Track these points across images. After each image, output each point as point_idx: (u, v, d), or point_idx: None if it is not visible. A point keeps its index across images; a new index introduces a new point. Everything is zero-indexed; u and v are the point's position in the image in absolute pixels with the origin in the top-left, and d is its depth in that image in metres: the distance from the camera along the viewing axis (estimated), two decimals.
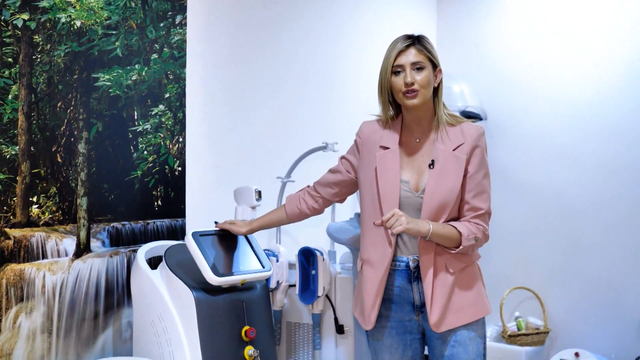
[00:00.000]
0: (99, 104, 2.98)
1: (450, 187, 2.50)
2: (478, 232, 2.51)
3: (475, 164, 2.53)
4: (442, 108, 2.59)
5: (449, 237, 2.48)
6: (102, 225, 2.99)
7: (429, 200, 2.50)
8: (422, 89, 2.52)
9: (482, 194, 2.54)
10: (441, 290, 2.51)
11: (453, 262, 2.53)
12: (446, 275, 2.51)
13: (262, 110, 3.77)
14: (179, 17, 3.29)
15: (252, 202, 3.15)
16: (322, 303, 3.24)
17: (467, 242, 2.48)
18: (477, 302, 2.56)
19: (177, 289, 2.68)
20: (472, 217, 2.52)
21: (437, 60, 2.57)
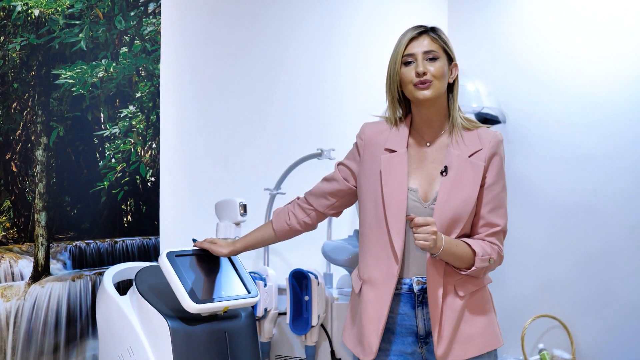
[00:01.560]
0: (60, 105, 2.98)
1: (464, 197, 2.50)
2: (493, 252, 2.51)
3: (493, 174, 2.54)
4: (458, 109, 2.60)
5: (461, 255, 2.48)
6: (64, 245, 2.98)
7: (440, 212, 2.49)
8: (436, 80, 2.52)
9: (499, 209, 2.54)
10: (449, 317, 2.51)
11: (463, 285, 2.53)
12: (455, 300, 2.51)
13: (248, 113, 3.77)
14: (152, 5, 3.30)
15: (237, 217, 3.14)
16: (317, 333, 3.23)
17: (481, 263, 2.49)
18: (488, 331, 2.56)
19: (150, 317, 2.67)
20: (487, 235, 2.53)
21: (452, 53, 2.58)
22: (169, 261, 2.66)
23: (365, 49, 4.46)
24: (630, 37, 4.26)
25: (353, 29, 4.41)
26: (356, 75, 4.39)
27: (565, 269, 4.45)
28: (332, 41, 4.27)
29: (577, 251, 4.40)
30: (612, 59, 4.31)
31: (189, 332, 2.65)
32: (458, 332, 2.51)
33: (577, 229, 4.40)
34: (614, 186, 4.28)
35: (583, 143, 4.40)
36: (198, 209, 3.48)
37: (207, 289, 2.69)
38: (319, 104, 4.16)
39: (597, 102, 4.35)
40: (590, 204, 4.36)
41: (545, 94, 4.54)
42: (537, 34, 4.60)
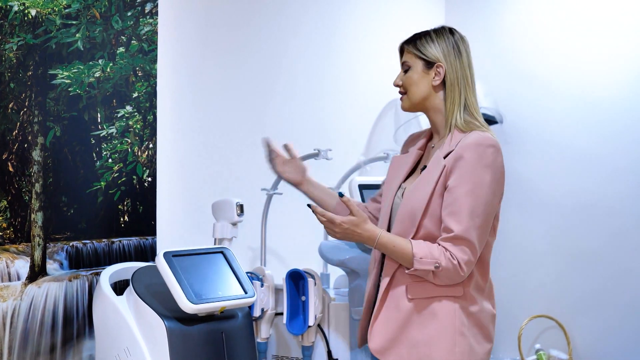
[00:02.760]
0: (56, 105, 2.98)
1: (421, 195, 2.51)
2: (441, 258, 2.44)
3: (456, 177, 2.47)
4: (456, 109, 2.59)
5: (400, 254, 2.48)
6: (60, 245, 2.98)
7: (401, 208, 2.56)
8: (407, 90, 2.65)
9: (456, 214, 2.44)
10: (394, 318, 2.52)
11: (416, 287, 2.51)
12: (403, 301, 2.52)
13: (245, 113, 3.77)
14: (149, 5, 3.30)
15: (233, 217, 3.14)
16: (314, 334, 3.23)
17: (421, 265, 2.44)
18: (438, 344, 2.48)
19: (147, 317, 2.67)
20: (442, 239, 2.47)
21: (432, 57, 2.62)
22: (166, 261, 2.67)
23: (363, 49, 4.46)
24: (627, 37, 4.27)
25: (350, 29, 4.41)
26: (353, 76, 4.40)
27: (562, 269, 4.46)
28: (329, 41, 4.27)
29: (573, 251, 4.41)
30: (609, 59, 4.32)
31: (185, 332, 2.65)
32: (404, 335, 2.51)
33: (574, 229, 4.40)
34: (611, 186, 4.29)
35: (579, 143, 4.40)
36: (195, 209, 3.48)
37: (204, 289, 2.69)
38: (316, 104, 4.16)
39: (594, 103, 4.35)
40: (587, 205, 4.36)
41: (543, 95, 4.55)
42: (534, 34, 4.60)
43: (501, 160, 2.53)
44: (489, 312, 2.58)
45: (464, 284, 2.51)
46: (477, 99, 2.66)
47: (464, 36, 2.68)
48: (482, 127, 2.57)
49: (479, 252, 2.48)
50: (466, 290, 2.52)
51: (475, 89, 2.64)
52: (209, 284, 2.74)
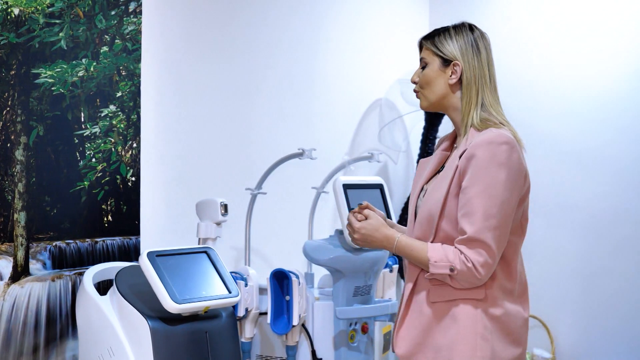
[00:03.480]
0: (40, 104, 2.97)
1: (437, 197, 2.46)
2: (456, 261, 2.38)
3: (469, 177, 2.41)
4: (473, 108, 2.53)
5: (416, 257, 2.45)
6: (43, 245, 2.97)
7: (420, 211, 2.52)
8: (422, 89, 2.58)
9: (470, 215, 2.38)
10: (418, 322, 2.48)
11: (437, 291, 2.46)
12: (425, 304, 2.48)
13: (229, 113, 3.77)
14: (132, 4, 3.29)
15: (217, 217, 3.14)
16: (298, 333, 3.23)
17: (436, 269, 2.40)
18: (458, 348, 2.42)
19: (130, 317, 2.67)
20: (457, 241, 2.41)
21: (449, 54, 2.54)
22: (149, 261, 2.66)
23: (347, 48, 4.46)
24: (615, 39, 4.29)
25: (335, 28, 4.41)
26: (338, 75, 4.40)
27: (545, 269, 4.48)
28: (313, 41, 4.27)
29: (556, 251, 4.43)
30: (596, 58, 4.34)
31: (169, 332, 2.65)
32: (428, 340, 2.46)
33: (558, 227, 4.42)
34: (596, 187, 4.31)
35: (561, 143, 4.42)
36: (179, 209, 3.47)
37: (188, 289, 2.69)
38: (301, 104, 4.16)
39: (572, 103, 4.38)
40: (570, 205, 4.39)
41: (523, 94, 4.56)
42: (517, 33, 4.62)
43: (517, 156, 2.44)
44: (518, 315, 2.49)
45: (486, 287, 2.43)
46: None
47: (484, 33, 2.61)
48: (500, 124, 2.49)
49: (497, 253, 2.39)
50: (489, 293, 2.43)
51: (496, 87, 2.57)
52: (193, 283, 2.73)
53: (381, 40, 4.75)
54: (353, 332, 3.28)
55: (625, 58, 4.25)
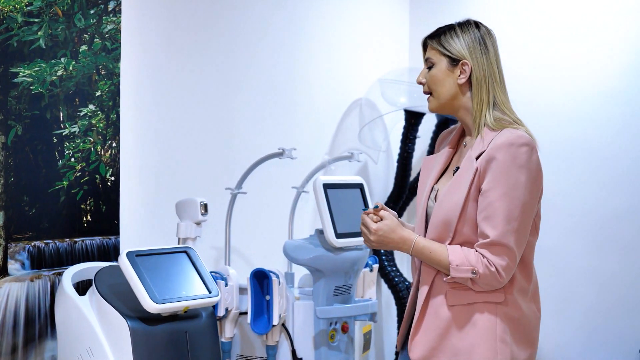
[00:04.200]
0: (18, 104, 2.96)
1: (456, 200, 2.42)
2: (479, 265, 2.36)
3: (489, 180, 2.38)
4: (484, 108, 2.49)
5: (437, 262, 2.42)
6: (22, 244, 2.95)
7: (435, 212, 2.47)
8: (433, 90, 2.53)
9: (491, 219, 2.36)
10: (435, 326, 2.45)
11: (455, 294, 2.44)
12: (442, 307, 2.44)
13: (209, 112, 3.77)
14: (112, 3, 3.28)
15: (197, 217, 3.14)
16: (278, 333, 3.23)
17: (458, 273, 2.37)
18: (480, 350, 2.40)
19: (110, 317, 2.66)
20: (478, 245, 2.39)
21: (457, 53, 2.50)
22: (129, 261, 2.66)
23: (327, 48, 4.47)
24: (589, 41, 4.31)
25: (315, 28, 4.42)
26: (318, 75, 4.41)
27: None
28: (294, 40, 4.28)
29: (537, 252, 4.44)
30: (571, 63, 4.36)
31: (149, 332, 2.64)
32: (445, 343, 2.44)
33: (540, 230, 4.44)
34: (573, 187, 4.34)
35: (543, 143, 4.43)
36: (158, 209, 3.47)
37: (168, 289, 2.69)
38: (281, 104, 4.16)
39: (556, 104, 4.40)
40: (550, 204, 4.40)
41: (518, 94, 4.58)
42: (499, 35, 4.63)
43: (536, 157, 2.43)
44: (533, 315, 2.50)
45: (505, 289, 2.42)
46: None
47: (490, 29, 2.57)
48: (514, 123, 2.47)
49: (518, 255, 2.40)
50: (508, 295, 2.43)
51: (505, 84, 2.54)
52: (173, 283, 2.73)
53: (361, 40, 4.76)
54: (333, 331, 3.28)
55: (628, 59, 4.27)
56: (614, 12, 4.28)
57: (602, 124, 4.28)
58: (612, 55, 4.28)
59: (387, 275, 4.57)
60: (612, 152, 4.26)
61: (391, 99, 4.48)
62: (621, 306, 4.19)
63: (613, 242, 4.22)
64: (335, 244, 3.15)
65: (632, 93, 4.31)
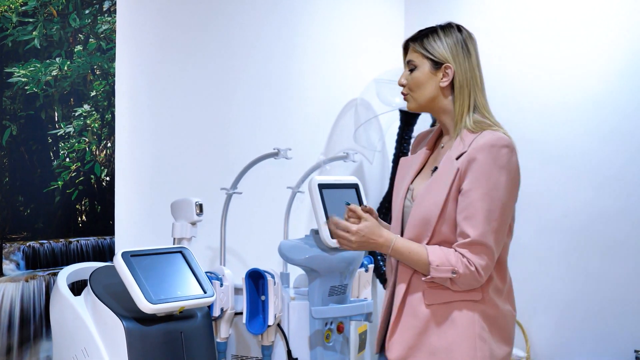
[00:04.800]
0: (13, 104, 2.95)
1: (435, 199, 2.44)
2: (459, 264, 2.38)
3: (470, 180, 2.41)
4: (465, 111, 2.51)
5: (415, 260, 2.43)
6: (17, 245, 2.95)
7: (414, 212, 2.48)
8: (412, 91, 2.55)
9: (472, 218, 2.39)
10: (412, 325, 2.46)
11: (433, 293, 2.45)
12: (420, 307, 2.46)
13: (204, 112, 3.77)
14: (107, 3, 3.28)
15: (192, 217, 3.14)
16: (274, 333, 3.23)
17: (438, 273, 2.39)
18: (459, 349, 2.43)
19: (105, 318, 2.66)
20: (458, 245, 2.41)
21: (440, 57, 2.52)
22: (124, 261, 2.65)
23: (322, 48, 4.47)
24: (583, 42, 4.32)
25: (310, 28, 4.42)
26: (313, 75, 4.41)
27: (519, 268, 4.49)
28: (289, 41, 4.28)
29: (530, 250, 4.46)
30: (566, 63, 4.37)
31: (144, 333, 2.64)
32: (423, 341, 2.45)
33: (531, 227, 4.45)
34: (567, 187, 4.34)
35: (536, 144, 4.45)
36: (154, 209, 3.46)
37: (163, 289, 2.69)
38: (276, 104, 4.16)
39: (550, 105, 4.41)
40: (543, 204, 4.42)
41: (500, 95, 4.57)
42: (491, 37, 4.64)
43: (516, 160, 2.47)
44: (509, 313, 2.53)
45: (482, 288, 2.44)
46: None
47: (471, 33, 2.59)
48: (494, 126, 2.50)
49: (496, 255, 2.43)
50: (485, 294, 2.45)
51: (485, 88, 2.56)
52: (168, 284, 2.73)
53: (357, 40, 4.76)
54: (329, 331, 3.28)
55: (613, 62, 4.28)
56: (604, 16, 4.28)
57: (592, 127, 4.28)
58: (600, 59, 4.28)
59: (382, 276, 4.57)
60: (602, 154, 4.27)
61: (386, 99, 4.48)
62: (617, 307, 4.19)
63: (610, 243, 4.22)
64: (330, 244, 3.15)
65: (621, 97, 4.32)
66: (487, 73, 4.57)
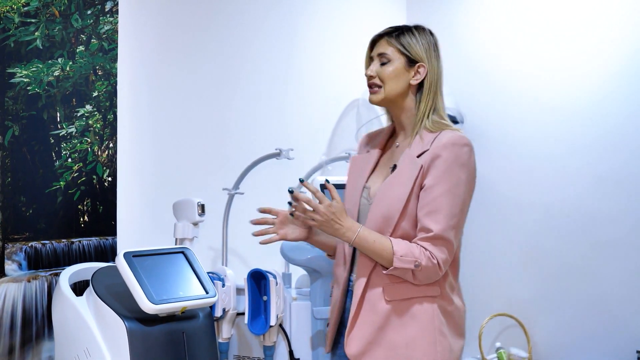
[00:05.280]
0: (15, 104, 2.96)
1: (397, 195, 2.47)
2: (422, 257, 2.41)
3: (433, 176, 2.45)
4: (428, 112, 2.56)
5: (380, 251, 2.44)
6: (19, 245, 2.95)
7: (374, 208, 2.51)
8: (384, 84, 2.55)
9: (435, 213, 2.43)
10: (371, 320, 2.47)
11: (394, 288, 2.48)
12: (380, 303, 2.47)
13: (206, 113, 3.77)
14: (109, 3, 3.28)
15: (194, 217, 3.14)
16: (276, 334, 3.23)
17: (402, 263, 2.41)
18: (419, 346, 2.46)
19: (107, 318, 2.66)
20: (420, 239, 2.44)
21: (416, 55, 2.56)
22: (126, 261, 2.65)
23: (324, 49, 4.47)
24: (584, 41, 4.32)
25: (312, 28, 4.42)
26: (315, 75, 4.41)
27: (522, 268, 4.50)
28: (291, 41, 4.28)
29: (532, 251, 4.45)
30: (567, 62, 4.37)
31: (146, 333, 2.64)
32: (382, 337, 2.47)
33: (533, 228, 4.45)
34: (568, 186, 4.34)
35: (538, 144, 4.45)
36: (156, 209, 3.46)
37: (165, 289, 2.69)
38: (278, 104, 4.16)
39: (551, 105, 4.40)
40: (545, 204, 4.41)
41: (502, 95, 4.59)
42: (494, 36, 4.64)
43: (474, 159, 2.53)
44: (462, 308, 2.58)
45: (439, 283, 2.49)
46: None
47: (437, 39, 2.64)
48: (451, 126, 2.55)
49: (454, 250, 2.49)
50: (442, 289, 2.50)
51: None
52: (170, 284, 2.73)
53: (359, 40, 4.75)
54: None
55: (599, 62, 4.28)
56: (607, 15, 4.28)
57: (598, 120, 4.28)
58: (601, 58, 4.28)
59: None
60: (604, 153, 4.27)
61: None
62: (619, 307, 4.19)
63: (612, 242, 4.22)
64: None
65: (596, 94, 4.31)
66: (487, 71, 4.61)
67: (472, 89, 4.67)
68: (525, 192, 4.48)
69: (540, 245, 4.43)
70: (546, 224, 4.41)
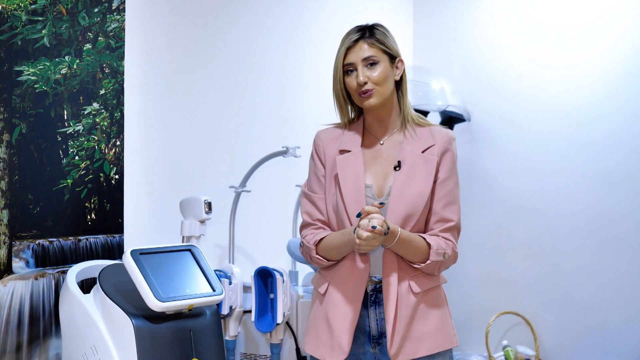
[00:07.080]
0: (22, 102, 2.95)
1: (418, 191, 2.50)
2: (447, 248, 2.51)
3: (446, 170, 2.55)
4: (409, 105, 2.63)
5: (417, 248, 2.47)
6: (26, 243, 2.95)
7: (394, 206, 2.49)
8: (378, 86, 2.54)
9: (452, 205, 2.54)
10: (403, 314, 2.49)
11: (419, 281, 2.52)
12: (409, 296, 2.50)
13: (213, 110, 3.77)
14: (116, 1, 3.28)
15: (201, 215, 3.13)
16: (282, 331, 3.23)
17: (436, 257, 2.48)
18: (441, 331, 2.54)
19: (114, 316, 2.66)
20: (441, 230, 2.52)
21: (394, 51, 2.58)
22: (133, 259, 2.65)
23: (329, 47, 4.45)
24: (590, 39, 4.31)
25: (317, 26, 4.41)
26: (321, 73, 4.40)
27: (528, 266, 4.49)
28: (296, 39, 4.27)
29: (539, 249, 4.45)
30: (579, 60, 4.36)
31: (153, 331, 2.64)
32: (410, 330, 2.49)
33: (540, 227, 4.44)
34: (576, 185, 4.33)
35: (544, 142, 4.44)
36: (162, 207, 3.46)
37: (172, 287, 2.68)
38: (285, 102, 4.16)
39: (562, 103, 4.39)
40: (552, 202, 4.40)
41: (509, 93, 4.58)
42: (501, 34, 4.63)
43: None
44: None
45: (442, 272, 2.61)
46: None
47: None
48: (430, 122, 2.66)
49: None
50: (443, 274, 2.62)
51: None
52: (177, 282, 2.73)
53: None
54: None
55: (604, 60, 4.27)
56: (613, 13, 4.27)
57: (603, 118, 4.27)
58: (608, 55, 4.27)
59: None
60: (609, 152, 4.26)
61: None
62: (626, 306, 4.18)
63: (619, 240, 4.21)
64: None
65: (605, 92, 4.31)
66: (493, 70, 4.60)
67: (479, 87, 4.67)
68: (534, 190, 4.47)
69: (547, 243, 4.42)
70: (553, 222, 4.40)
